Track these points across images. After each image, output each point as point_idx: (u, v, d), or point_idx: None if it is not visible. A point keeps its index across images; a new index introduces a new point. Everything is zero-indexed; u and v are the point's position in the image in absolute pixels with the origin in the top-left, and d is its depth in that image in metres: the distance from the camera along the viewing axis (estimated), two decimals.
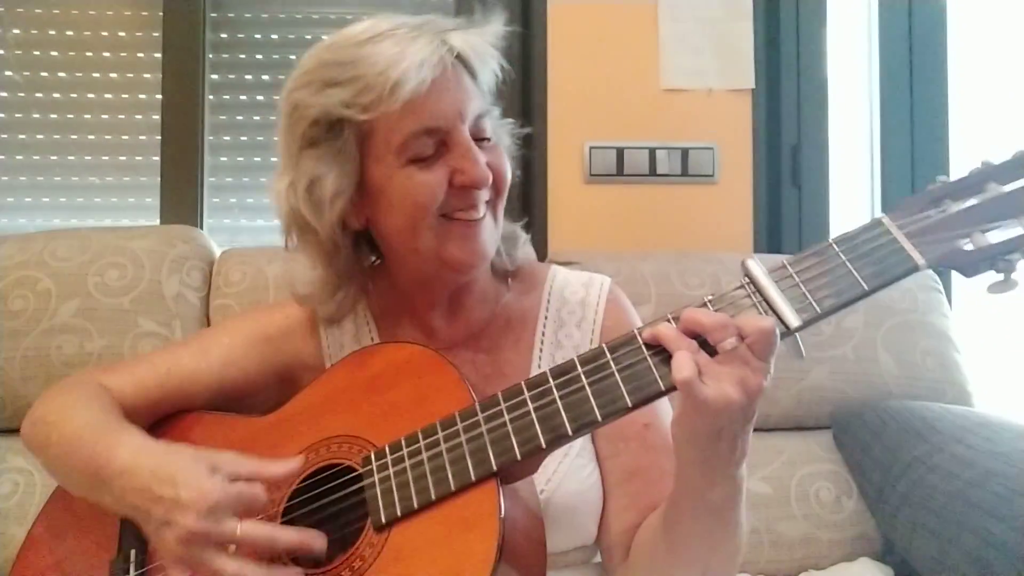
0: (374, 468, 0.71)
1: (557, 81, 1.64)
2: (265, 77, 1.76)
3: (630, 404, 0.65)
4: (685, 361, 0.62)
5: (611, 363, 0.67)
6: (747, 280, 0.66)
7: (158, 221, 1.68)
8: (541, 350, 0.89)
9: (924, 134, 1.71)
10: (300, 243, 0.86)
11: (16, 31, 1.74)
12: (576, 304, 0.91)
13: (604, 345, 0.68)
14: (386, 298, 0.92)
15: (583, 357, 0.68)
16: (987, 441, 1.10)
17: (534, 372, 0.87)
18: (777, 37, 1.68)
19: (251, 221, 1.77)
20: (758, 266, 0.66)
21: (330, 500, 0.74)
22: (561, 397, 0.67)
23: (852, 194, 1.75)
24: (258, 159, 1.77)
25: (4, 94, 1.74)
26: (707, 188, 1.66)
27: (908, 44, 1.72)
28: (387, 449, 0.72)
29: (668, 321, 0.66)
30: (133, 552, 0.77)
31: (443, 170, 0.78)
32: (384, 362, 0.79)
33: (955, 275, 1.77)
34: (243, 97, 1.77)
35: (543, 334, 0.90)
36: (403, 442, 0.71)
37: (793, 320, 0.64)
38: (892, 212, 0.66)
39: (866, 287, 0.64)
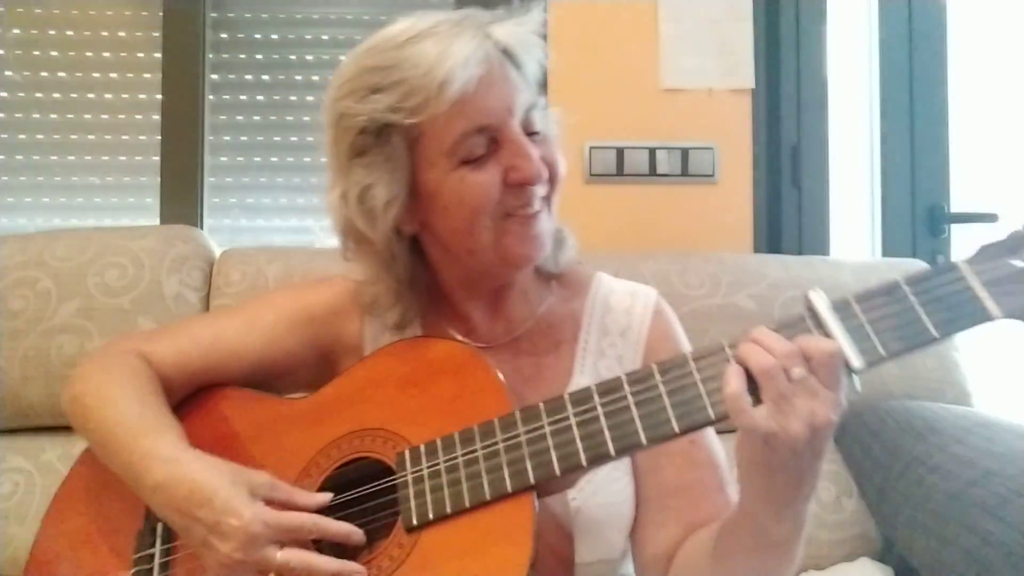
0: (408, 467, 0.70)
1: (557, 81, 1.64)
2: (265, 77, 1.76)
3: (677, 430, 0.63)
4: (734, 381, 0.60)
5: (660, 385, 0.65)
6: (809, 313, 0.63)
7: (158, 221, 1.68)
8: (584, 357, 0.87)
9: (924, 134, 1.71)
10: (357, 253, 0.84)
11: (16, 31, 1.74)
12: (621, 313, 0.88)
13: (654, 365, 0.66)
14: (429, 291, 0.89)
15: (631, 376, 0.66)
16: (987, 441, 1.10)
17: (575, 378, 0.85)
18: (777, 37, 1.68)
19: (251, 221, 1.77)
20: (821, 299, 0.63)
21: (361, 494, 0.74)
22: (606, 415, 0.66)
23: (852, 194, 1.75)
24: (258, 159, 1.77)
25: (4, 94, 1.74)
26: (707, 188, 1.66)
27: (908, 44, 1.72)
28: (422, 449, 0.71)
29: (724, 348, 0.64)
30: (160, 526, 0.77)
31: (496, 169, 0.76)
32: (425, 357, 0.78)
33: None
34: (243, 97, 1.77)
35: (586, 341, 0.87)
36: (439, 443, 0.70)
37: (856, 361, 0.60)
38: (970, 258, 0.63)
39: (936, 334, 0.61)
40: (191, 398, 0.87)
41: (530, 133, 0.79)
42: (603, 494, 0.80)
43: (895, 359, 0.62)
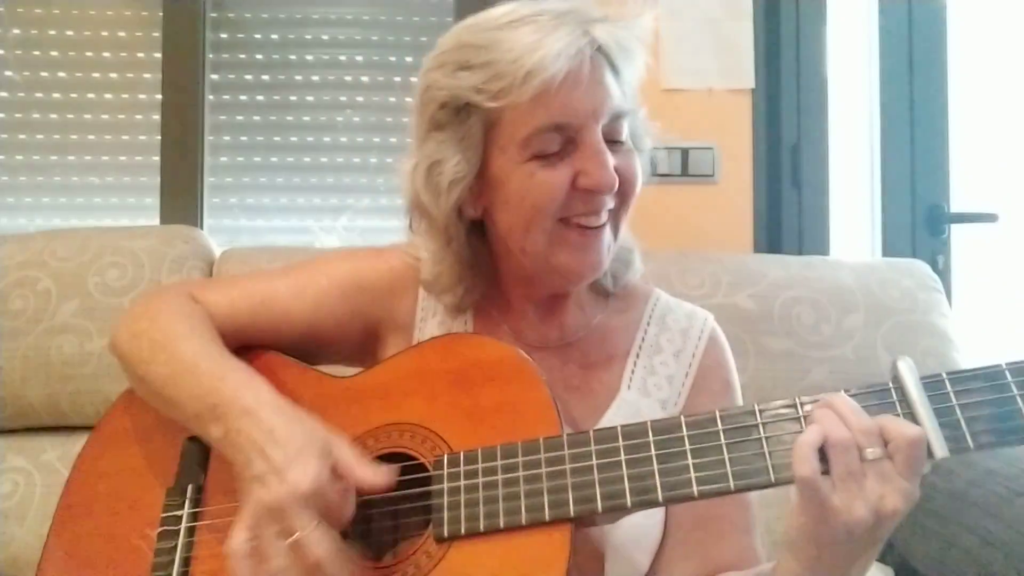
0: (445, 474, 0.68)
1: None
2: (265, 77, 1.76)
3: (733, 488, 0.60)
4: (807, 455, 0.56)
5: (721, 435, 0.62)
6: (895, 385, 0.59)
7: (158, 221, 1.68)
8: (633, 372, 0.85)
9: (924, 134, 1.71)
10: (421, 228, 0.84)
11: (16, 31, 1.74)
12: (677, 333, 0.87)
13: (717, 412, 0.63)
14: (481, 286, 0.87)
15: (691, 420, 0.63)
16: None
17: (622, 393, 0.83)
18: (777, 37, 1.68)
19: (251, 221, 1.77)
20: (911, 373, 0.58)
21: (396, 491, 0.71)
22: (659, 459, 0.63)
23: (852, 194, 1.75)
24: (258, 159, 1.77)
25: (4, 94, 1.74)
26: (707, 188, 1.66)
27: (908, 44, 1.72)
28: (462, 457, 0.69)
29: (796, 406, 0.61)
30: (191, 487, 0.76)
31: (567, 170, 0.73)
32: (476, 357, 0.75)
33: (955, 273, 1.77)
34: (243, 97, 1.77)
35: (638, 356, 0.86)
36: (480, 455, 0.68)
37: (939, 451, 0.56)
38: None
39: None
40: (238, 357, 0.84)
41: (612, 141, 0.76)
42: (635, 515, 0.77)
43: (981, 451, 0.57)
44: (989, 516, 0.97)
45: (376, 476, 0.68)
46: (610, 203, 0.76)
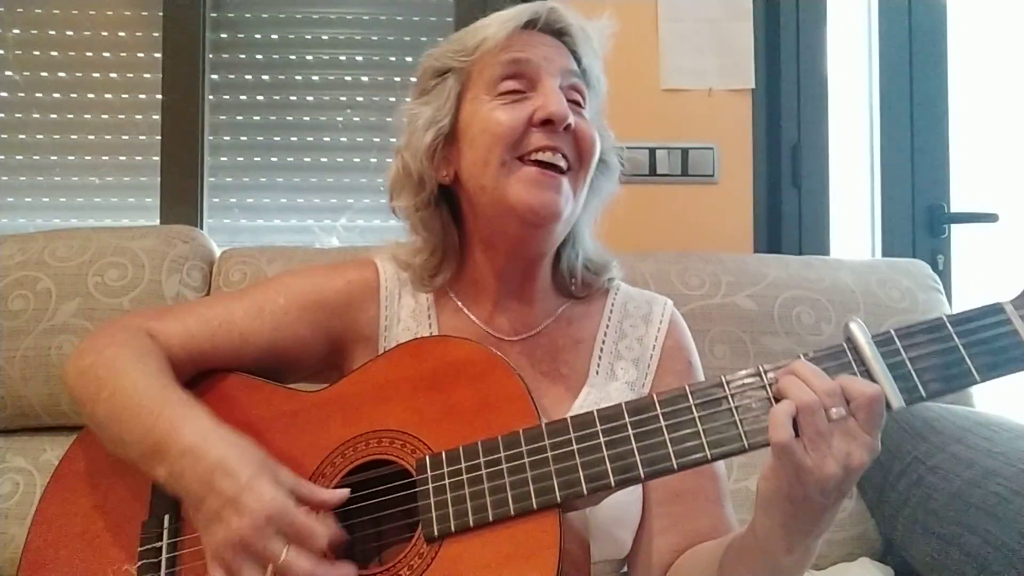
0: (429, 475, 0.69)
1: None
2: (265, 77, 1.76)
3: (709, 457, 0.63)
4: (784, 422, 0.59)
5: (693, 409, 0.64)
6: (849, 345, 0.62)
7: (158, 221, 1.68)
8: (600, 357, 0.88)
9: (924, 134, 1.71)
10: (401, 203, 0.88)
11: (16, 31, 1.74)
12: (639, 319, 0.91)
13: (688, 387, 0.65)
14: (455, 278, 0.91)
15: (662, 397, 0.66)
16: (987, 441, 1.10)
17: (591, 378, 0.86)
18: (777, 37, 1.68)
19: (251, 221, 1.77)
20: (863, 333, 0.62)
21: (379, 499, 0.72)
22: (636, 438, 0.65)
23: (852, 194, 1.75)
24: (258, 159, 1.77)
25: (4, 94, 1.74)
26: (707, 188, 1.66)
27: (908, 44, 1.72)
28: (444, 457, 0.69)
29: (760, 375, 0.63)
30: (167, 517, 0.75)
31: (527, 107, 0.80)
32: (445, 358, 0.76)
33: (954, 273, 1.76)
34: (243, 97, 1.77)
35: (603, 342, 0.89)
36: (462, 453, 0.69)
37: (895, 401, 0.60)
38: (1015, 299, 0.62)
39: (977, 377, 0.60)
40: (201, 382, 0.84)
41: (571, 101, 0.83)
42: (617, 493, 0.80)
43: (933, 399, 0.61)
44: (989, 516, 0.97)
45: (331, 496, 0.69)
46: (567, 150, 0.81)
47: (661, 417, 0.65)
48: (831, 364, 0.62)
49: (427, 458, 0.70)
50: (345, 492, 0.70)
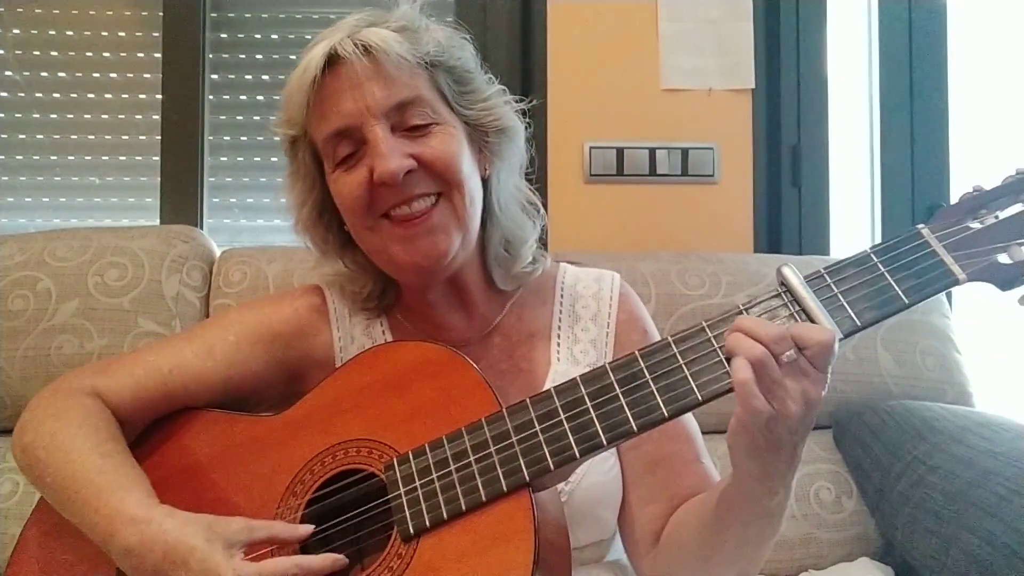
0: (398, 476, 0.69)
1: (557, 81, 1.64)
2: (265, 77, 1.76)
3: (667, 415, 0.64)
4: (744, 369, 0.60)
5: (645, 371, 0.65)
6: (783, 288, 0.65)
7: (158, 221, 1.68)
8: (559, 344, 0.88)
9: (924, 134, 1.71)
10: (315, 246, 0.89)
11: (16, 31, 1.74)
12: (590, 298, 0.91)
13: (636, 352, 0.66)
14: (395, 300, 0.91)
15: (615, 364, 0.66)
16: (987, 441, 1.10)
17: (554, 367, 0.86)
18: (777, 37, 1.68)
19: (251, 221, 1.77)
20: (795, 274, 0.65)
21: (351, 508, 0.72)
22: (594, 407, 0.66)
23: (852, 194, 1.75)
24: (258, 159, 1.77)
25: (4, 94, 1.74)
26: (707, 188, 1.66)
27: (908, 44, 1.72)
28: (411, 455, 0.70)
29: (704, 329, 0.65)
30: None
31: (364, 170, 0.77)
32: (400, 362, 0.76)
33: None
34: (243, 97, 1.77)
35: (559, 328, 0.89)
36: (427, 449, 0.69)
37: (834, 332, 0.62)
38: (931, 223, 0.65)
39: (906, 300, 0.63)
40: (159, 426, 0.83)
41: (412, 128, 0.78)
42: (592, 474, 0.82)
43: (869, 328, 0.63)
44: (989, 516, 0.97)
45: (296, 531, 0.69)
46: (423, 185, 0.78)
47: (615, 384, 0.66)
48: (769, 309, 0.64)
49: (394, 460, 0.70)
50: (308, 528, 0.70)
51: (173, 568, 0.65)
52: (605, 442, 0.65)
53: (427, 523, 0.67)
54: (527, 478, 0.65)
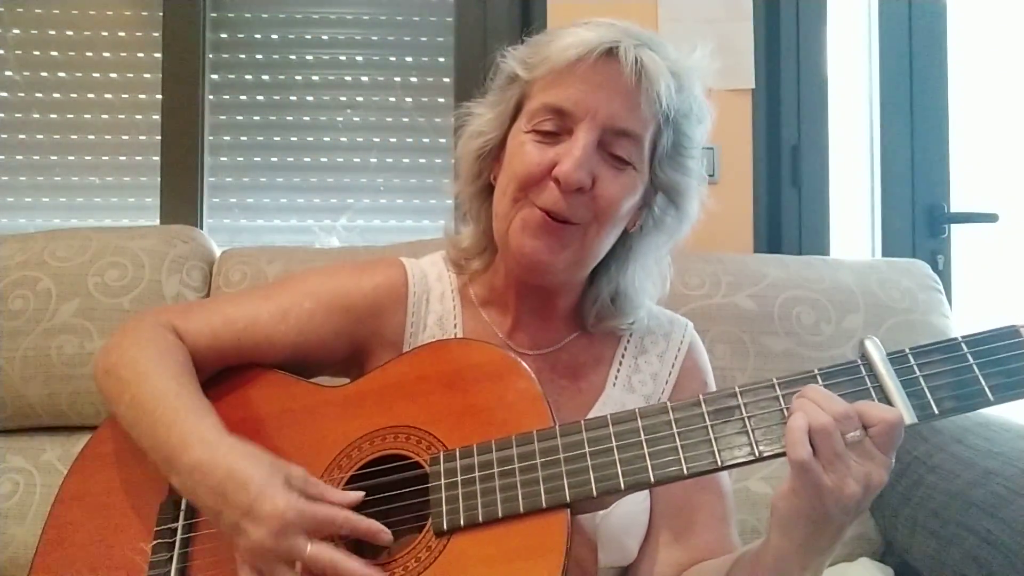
0: (442, 470, 0.70)
1: None
2: (265, 77, 1.76)
3: (719, 465, 0.63)
4: (800, 439, 0.59)
5: (706, 417, 0.65)
6: (863, 361, 0.63)
7: (158, 221, 1.68)
8: (618, 371, 0.88)
9: (924, 134, 1.71)
10: (456, 186, 0.90)
11: (16, 31, 1.74)
12: (660, 336, 0.91)
13: (701, 396, 0.66)
14: (483, 289, 0.91)
15: (676, 405, 0.66)
16: (986, 441, 1.10)
17: (606, 391, 0.86)
18: (777, 37, 1.68)
19: (251, 221, 1.77)
20: (877, 350, 0.63)
21: (391, 492, 0.73)
22: (648, 443, 0.65)
23: (852, 194, 1.75)
24: (258, 159, 1.77)
25: (4, 94, 1.74)
26: (707, 188, 1.66)
27: (908, 44, 1.72)
28: (457, 453, 0.70)
29: (774, 387, 0.64)
30: (184, 500, 0.76)
31: (551, 154, 0.77)
32: (466, 360, 0.77)
33: (954, 273, 1.75)
34: (243, 97, 1.77)
35: (623, 356, 0.89)
36: (475, 450, 0.70)
37: (908, 419, 0.61)
38: None
39: (992, 398, 0.61)
40: (224, 376, 0.85)
41: (611, 155, 0.78)
42: (626, 503, 0.81)
43: (947, 417, 0.62)
44: (989, 516, 0.97)
45: (346, 498, 0.70)
46: (579, 209, 0.77)
47: (674, 423, 0.65)
48: (845, 379, 0.63)
49: (441, 454, 0.71)
50: (359, 495, 0.71)
51: (234, 489, 0.67)
52: (653, 481, 0.64)
53: (461, 522, 0.67)
54: (568, 499, 0.65)
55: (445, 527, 0.67)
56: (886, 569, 1.23)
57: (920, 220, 1.71)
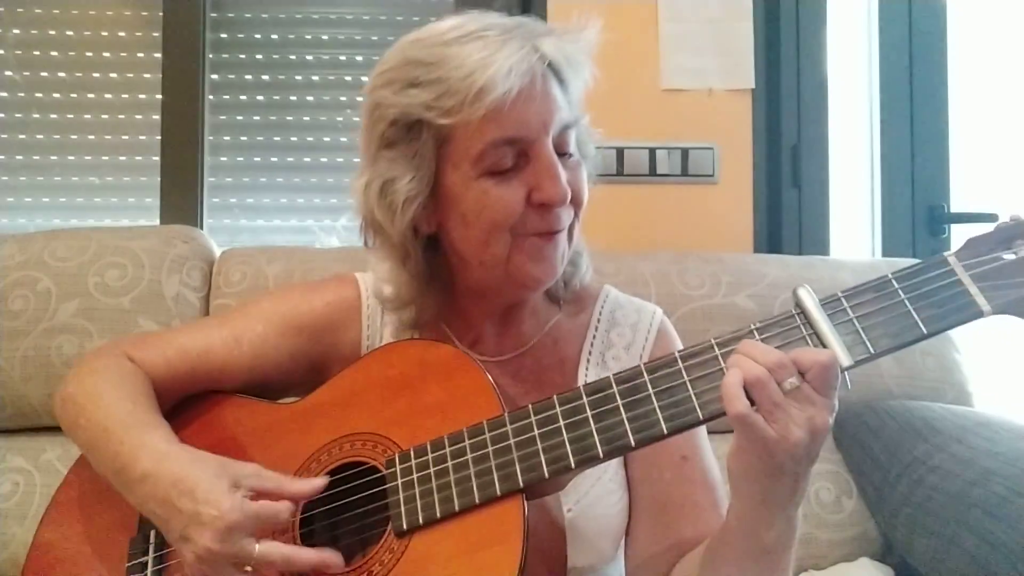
0: (398, 471, 0.70)
1: None
2: (265, 77, 1.76)
3: (666, 431, 0.63)
4: (736, 393, 0.59)
5: (648, 385, 0.65)
6: (798, 311, 0.63)
7: (158, 221, 1.68)
8: (587, 368, 0.87)
9: (924, 134, 1.71)
10: (376, 244, 0.82)
11: (16, 31, 1.74)
12: (627, 327, 0.89)
13: (642, 365, 0.66)
14: (434, 309, 0.87)
15: (619, 376, 0.66)
16: (987, 441, 1.10)
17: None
18: (777, 37, 1.68)
19: (251, 221, 1.77)
20: (810, 296, 0.63)
21: (351, 499, 0.73)
22: (594, 418, 0.65)
23: (852, 194, 1.75)
24: (258, 159, 1.77)
25: (4, 94, 1.74)
26: (707, 188, 1.66)
27: (908, 44, 1.72)
28: (412, 453, 0.71)
29: (712, 347, 0.64)
30: (153, 533, 0.77)
31: (521, 185, 0.74)
32: (415, 360, 0.77)
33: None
34: (243, 97, 1.77)
35: (590, 353, 0.88)
36: (428, 447, 0.70)
37: (844, 359, 0.61)
38: (959, 251, 0.62)
39: (925, 331, 0.60)
40: (185, 405, 0.86)
41: (562, 154, 0.77)
42: (599, 506, 0.81)
43: (884, 356, 0.62)
44: (989, 516, 0.97)
45: (306, 486, 0.70)
46: (564, 215, 0.77)
47: (618, 395, 0.65)
48: (780, 330, 0.63)
49: (396, 455, 0.71)
50: (318, 482, 0.71)
51: (179, 496, 0.67)
52: (602, 455, 0.65)
53: (420, 520, 0.67)
54: (521, 484, 0.66)
55: (405, 527, 0.68)
56: (886, 569, 1.23)
57: (920, 220, 1.71)
